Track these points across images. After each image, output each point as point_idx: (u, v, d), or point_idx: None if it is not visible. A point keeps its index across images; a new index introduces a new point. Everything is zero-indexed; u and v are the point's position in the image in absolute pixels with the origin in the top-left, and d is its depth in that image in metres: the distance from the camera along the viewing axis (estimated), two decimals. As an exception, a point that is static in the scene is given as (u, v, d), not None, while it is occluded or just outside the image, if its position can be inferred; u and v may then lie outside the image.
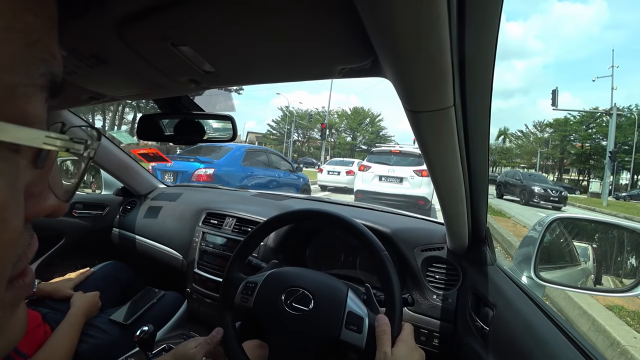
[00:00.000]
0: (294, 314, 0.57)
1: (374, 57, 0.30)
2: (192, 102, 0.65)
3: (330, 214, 0.67)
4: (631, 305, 2.47)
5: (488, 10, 0.24)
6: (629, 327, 2.00)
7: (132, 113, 26.78)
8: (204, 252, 1.08)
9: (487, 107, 0.35)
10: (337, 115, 39.26)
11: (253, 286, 0.62)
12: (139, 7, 0.28)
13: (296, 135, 37.05)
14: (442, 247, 0.79)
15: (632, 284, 0.74)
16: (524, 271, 0.79)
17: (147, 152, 2.68)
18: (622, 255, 0.94)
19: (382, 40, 0.25)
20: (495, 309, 0.59)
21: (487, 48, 0.27)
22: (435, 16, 0.21)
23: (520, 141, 38.33)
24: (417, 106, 0.33)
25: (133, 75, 0.44)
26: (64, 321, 0.81)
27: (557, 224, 0.87)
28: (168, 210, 1.31)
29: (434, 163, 0.45)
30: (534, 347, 0.48)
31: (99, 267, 1.15)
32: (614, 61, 20.54)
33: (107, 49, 0.36)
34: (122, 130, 20.81)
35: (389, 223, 0.88)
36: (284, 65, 0.37)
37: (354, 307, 0.56)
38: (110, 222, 1.45)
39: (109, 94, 0.54)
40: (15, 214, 0.16)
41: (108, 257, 1.26)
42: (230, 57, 0.36)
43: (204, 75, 0.40)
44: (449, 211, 0.61)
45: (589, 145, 31.22)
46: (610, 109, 16.89)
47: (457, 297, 0.73)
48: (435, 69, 0.26)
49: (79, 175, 0.22)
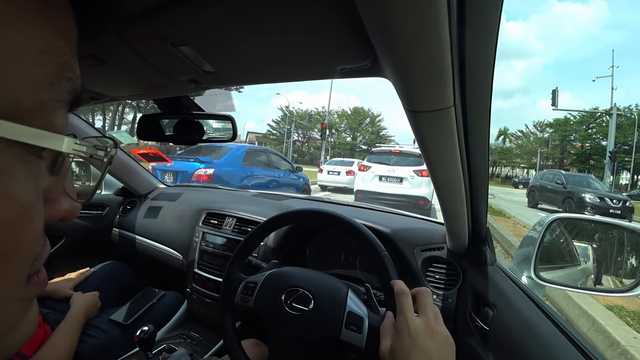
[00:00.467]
0: (294, 314, 0.57)
1: (374, 57, 0.30)
2: (192, 102, 0.64)
3: (330, 214, 0.67)
4: (631, 305, 2.47)
5: (488, 10, 0.24)
6: (629, 327, 2.00)
7: (132, 113, 26.79)
8: (204, 252, 1.08)
9: (487, 107, 0.35)
10: (337, 115, 39.30)
11: (253, 286, 0.62)
12: (138, 7, 0.28)
13: (296, 135, 37.07)
14: (442, 247, 0.79)
15: (632, 284, 0.74)
16: (524, 271, 0.79)
17: (147, 152, 2.69)
18: (622, 255, 0.94)
19: (382, 40, 0.25)
20: (495, 309, 0.59)
21: (487, 48, 0.27)
22: (435, 16, 0.21)
23: (520, 141, 38.36)
24: (417, 106, 0.33)
25: (133, 75, 0.44)
26: (63, 321, 0.81)
27: (557, 224, 0.87)
28: (168, 210, 1.31)
29: (434, 163, 0.45)
30: (534, 347, 0.48)
31: (99, 267, 1.15)
32: (614, 61, 20.59)
33: (107, 49, 0.36)
34: (122, 130, 20.83)
35: (389, 223, 0.88)
36: (284, 65, 0.37)
37: (354, 308, 0.56)
38: (110, 222, 1.45)
39: (109, 94, 0.54)
40: (39, 215, 0.18)
41: (108, 257, 1.27)
42: (230, 57, 0.36)
43: (204, 75, 0.40)
44: (449, 211, 0.61)
45: (589, 145, 31.26)
46: (610, 109, 16.90)
47: (457, 297, 0.73)
48: (435, 69, 0.26)
49: (98, 179, 0.25)
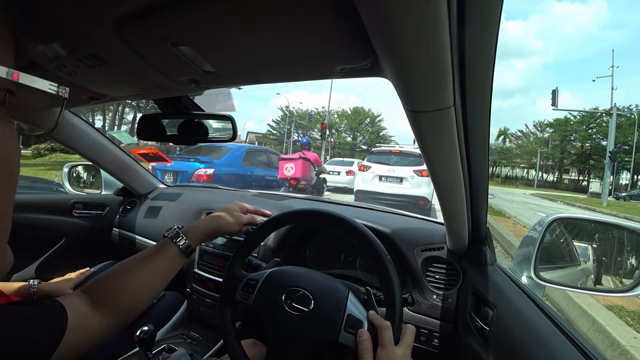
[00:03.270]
0: (294, 314, 0.57)
1: (374, 57, 0.30)
2: (192, 102, 0.65)
3: (331, 215, 0.67)
4: (631, 305, 2.47)
5: (488, 10, 0.24)
6: (629, 327, 2.00)
7: (132, 113, 26.80)
8: (204, 252, 1.08)
9: (487, 107, 0.35)
10: (337, 115, 39.27)
11: (254, 284, 0.62)
12: (138, 7, 0.28)
13: (296, 135, 37.02)
14: (442, 247, 0.79)
15: (632, 284, 0.74)
16: (524, 271, 0.79)
17: (147, 152, 2.69)
18: (622, 255, 0.94)
19: (382, 40, 0.25)
20: (495, 309, 0.59)
21: (487, 48, 0.27)
22: (435, 16, 0.21)
23: (520, 141, 38.37)
24: (417, 106, 0.33)
25: (133, 75, 0.44)
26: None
27: (557, 224, 0.87)
28: (168, 210, 1.31)
29: (434, 163, 0.45)
30: (534, 347, 0.48)
31: (99, 267, 1.15)
32: (614, 61, 20.59)
33: (107, 49, 0.36)
34: (122, 130, 20.83)
35: (389, 223, 0.88)
36: (284, 65, 0.37)
37: (353, 311, 0.56)
38: (110, 222, 1.45)
39: (109, 94, 0.54)
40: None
41: (108, 257, 1.26)
42: (230, 57, 0.36)
43: (204, 75, 0.40)
44: (449, 211, 0.61)
45: (589, 145, 31.26)
46: (610, 109, 16.89)
47: (457, 297, 0.73)
48: (435, 69, 0.26)
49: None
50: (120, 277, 0.52)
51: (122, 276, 0.52)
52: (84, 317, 0.44)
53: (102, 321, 0.46)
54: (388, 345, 0.50)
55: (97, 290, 0.49)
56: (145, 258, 0.56)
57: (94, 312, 0.46)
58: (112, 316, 0.48)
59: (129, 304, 0.52)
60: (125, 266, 0.54)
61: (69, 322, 0.39)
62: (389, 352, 0.50)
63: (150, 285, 0.55)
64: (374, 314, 0.55)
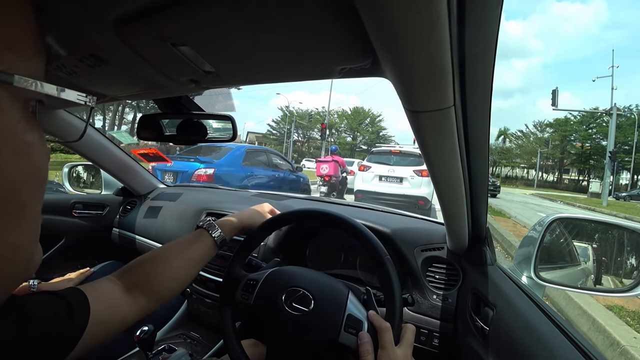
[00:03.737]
0: (294, 314, 0.57)
1: (374, 57, 0.30)
2: (192, 102, 0.64)
3: (331, 214, 0.67)
4: (631, 305, 2.47)
5: (488, 10, 0.24)
6: (629, 327, 2.00)
7: (132, 113, 26.81)
8: (204, 252, 1.08)
9: (487, 107, 0.35)
10: (337, 115, 39.31)
11: (254, 284, 0.62)
12: (138, 7, 0.28)
13: (296, 135, 37.07)
14: (442, 247, 0.79)
15: (632, 284, 0.74)
16: (524, 271, 0.79)
17: (147, 152, 2.68)
18: (622, 255, 0.94)
19: (382, 40, 0.25)
20: (495, 309, 0.59)
21: (487, 48, 0.27)
22: (435, 16, 0.21)
23: (520, 141, 38.41)
24: (417, 106, 0.33)
25: (133, 75, 0.44)
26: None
27: (557, 224, 0.87)
28: (168, 210, 1.31)
29: (434, 163, 0.45)
30: (534, 347, 0.48)
31: (99, 267, 1.15)
32: (614, 61, 20.60)
33: (107, 49, 0.36)
34: (122, 130, 20.83)
35: (389, 223, 0.88)
36: (284, 65, 0.37)
37: (354, 311, 0.56)
38: (110, 222, 1.45)
39: (109, 94, 0.54)
40: None
41: (108, 257, 1.27)
42: (230, 57, 0.36)
43: (204, 75, 0.40)
44: (449, 211, 0.61)
45: (589, 145, 31.29)
46: (610, 109, 16.89)
47: (457, 297, 0.73)
48: (435, 69, 0.26)
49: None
50: (156, 263, 0.54)
51: (158, 262, 0.54)
52: (114, 302, 0.45)
53: (133, 305, 0.48)
54: (388, 346, 0.50)
55: (132, 275, 0.51)
56: (181, 246, 0.58)
57: (127, 296, 0.48)
58: (145, 300, 0.50)
59: (162, 289, 0.53)
60: (161, 253, 0.56)
61: (94, 308, 0.40)
62: (389, 353, 0.50)
63: (184, 272, 0.57)
64: (374, 314, 0.55)
